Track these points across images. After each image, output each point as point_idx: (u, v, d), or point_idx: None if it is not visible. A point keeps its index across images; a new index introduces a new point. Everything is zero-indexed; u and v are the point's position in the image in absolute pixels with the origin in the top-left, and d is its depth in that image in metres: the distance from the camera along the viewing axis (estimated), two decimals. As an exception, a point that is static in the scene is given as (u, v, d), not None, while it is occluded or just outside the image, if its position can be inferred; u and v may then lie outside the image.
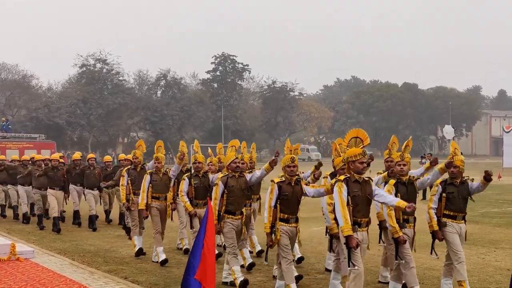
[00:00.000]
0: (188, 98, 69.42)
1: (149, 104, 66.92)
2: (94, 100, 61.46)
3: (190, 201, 8.99)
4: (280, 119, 76.61)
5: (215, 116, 72.26)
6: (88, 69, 64.57)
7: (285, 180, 7.00)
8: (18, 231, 13.54)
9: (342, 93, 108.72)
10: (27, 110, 60.99)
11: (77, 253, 10.45)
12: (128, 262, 9.69)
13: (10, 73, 65.71)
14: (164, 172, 9.76)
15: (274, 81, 77.53)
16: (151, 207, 9.61)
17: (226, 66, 74.59)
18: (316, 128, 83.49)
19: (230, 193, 7.82)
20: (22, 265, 9.13)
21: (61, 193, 13.79)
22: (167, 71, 70.40)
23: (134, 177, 10.38)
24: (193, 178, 9.04)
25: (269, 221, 6.92)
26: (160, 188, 9.63)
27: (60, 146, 63.20)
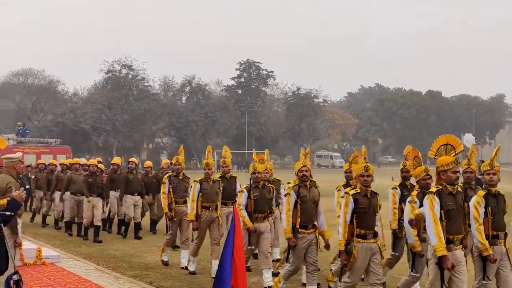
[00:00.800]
0: (212, 104, 69.66)
1: (174, 110, 67.28)
2: (119, 106, 61.99)
3: (249, 216, 8.12)
4: (304, 125, 76.40)
5: (239, 123, 72.36)
6: (114, 75, 65.19)
7: (361, 192, 6.43)
8: (43, 235, 13.62)
9: (366, 100, 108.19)
10: (53, 115, 61.72)
11: (102, 258, 10.44)
12: (153, 267, 9.64)
13: (37, 78, 66.69)
14: (214, 180, 9.18)
15: (298, 88, 77.49)
16: (201, 220, 9.00)
17: (250, 73, 74.75)
18: (340, 135, 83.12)
19: (302, 204, 7.14)
20: (48, 270, 9.15)
21: (99, 200, 13.00)
22: (192, 77, 70.82)
23: (175, 185, 9.84)
24: (252, 190, 8.17)
25: (344, 238, 6.33)
26: (211, 197, 9.01)
27: (86, 151, 64.02)
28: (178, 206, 9.80)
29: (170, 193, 9.75)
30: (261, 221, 8.17)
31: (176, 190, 9.80)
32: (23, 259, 9.25)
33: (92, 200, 12.85)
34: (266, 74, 75.32)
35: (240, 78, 74.86)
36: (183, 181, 9.91)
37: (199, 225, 8.96)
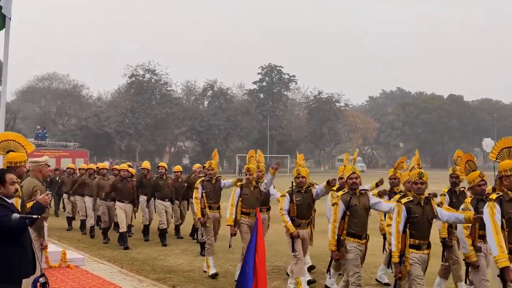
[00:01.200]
0: (234, 108, 69.90)
1: (196, 114, 67.65)
2: (142, 110, 62.53)
3: (291, 221, 7.69)
4: (325, 129, 76.28)
5: (261, 127, 72.45)
6: (137, 79, 65.81)
7: (413, 200, 6.12)
8: (68, 238, 13.78)
9: (387, 104, 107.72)
10: (77, 119, 62.51)
11: (125, 261, 10.53)
12: (176, 270, 9.69)
13: (62, 82, 67.67)
14: (255, 185, 8.89)
15: (320, 92, 77.50)
16: (240, 224, 8.76)
17: (272, 77, 74.90)
18: (361, 139, 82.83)
19: (353, 213, 6.78)
20: (73, 272, 9.25)
21: (130, 207, 12.53)
22: (214, 81, 71.21)
23: (209, 190, 9.61)
24: (295, 195, 7.73)
25: (397, 249, 6.00)
26: (251, 202, 8.75)
27: (109, 155, 64.69)
28: (212, 211, 9.57)
29: (203, 198, 9.54)
30: (304, 227, 7.82)
31: (209, 195, 9.59)
32: (49, 262, 9.37)
33: (124, 206, 12.42)
34: (288, 78, 75.42)
35: (262, 82, 75.08)
36: (216, 186, 9.70)
37: (241, 230, 8.71)
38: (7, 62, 8.67)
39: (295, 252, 7.61)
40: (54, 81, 67.25)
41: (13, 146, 6.35)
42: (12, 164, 6.16)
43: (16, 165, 6.16)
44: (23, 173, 6.53)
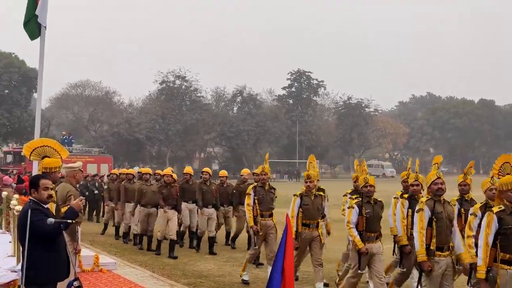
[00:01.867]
0: (263, 114, 70.03)
1: (226, 119, 67.97)
2: (172, 116, 63.10)
3: (360, 235, 7.17)
4: (354, 135, 75.84)
5: (290, 132, 72.42)
6: (168, 85, 66.47)
7: (505, 209, 5.57)
8: (100, 243, 13.96)
9: (417, 109, 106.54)
10: (109, 125, 63.43)
11: (157, 266, 10.63)
12: (206, 275, 9.74)
13: (94, 89, 68.84)
14: (316, 194, 8.36)
15: (349, 97, 77.07)
16: (301, 237, 8.20)
17: (301, 82, 74.92)
18: (391, 144, 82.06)
19: (438, 222, 6.19)
20: (105, 276, 9.37)
21: (173, 213, 12.00)
22: (243, 87, 71.50)
23: (262, 196, 9.13)
24: (364, 206, 7.24)
25: (485, 264, 5.48)
26: (312, 213, 8.22)
27: (140, 161, 65.42)
28: (264, 219, 9.08)
29: (255, 205, 9.08)
30: (373, 241, 7.27)
31: (262, 202, 9.12)
32: (81, 266, 9.50)
33: (167, 212, 11.94)
34: (317, 83, 75.31)
35: (291, 88, 75.13)
36: (269, 192, 9.24)
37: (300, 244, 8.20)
38: (42, 70, 8.87)
39: (362, 270, 7.19)
40: (87, 88, 68.49)
41: (48, 152, 6.51)
42: (47, 170, 6.30)
43: (51, 170, 6.30)
44: (58, 178, 6.67)
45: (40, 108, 9.10)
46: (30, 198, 5.04)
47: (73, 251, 6.87)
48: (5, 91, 53.85)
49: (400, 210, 7.44)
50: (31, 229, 4.72)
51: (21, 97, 54.27)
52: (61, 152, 6.57)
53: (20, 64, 54.46)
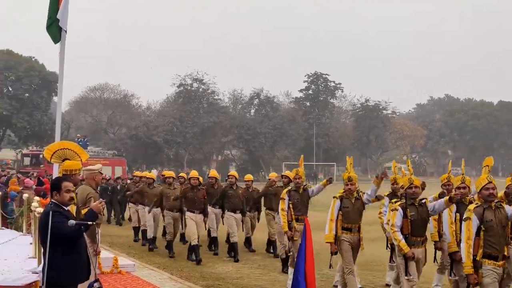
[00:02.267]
0: (280, 117, 69.98)
1: (243, 122, 68.05)
2: (190, 119, 63.33)
3: (405, 239, 6.79)
4: (372, 137, 75.48)
5: (307, 135, 72.28)
6: (185, 88, 66.77)
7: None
8: (119, 244, 14.07)
9: (435, 111, 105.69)
10: (127, 128, 63.86)
11: (175, 268, 10.68)
12: (224, 277, 9.76)
13: (113, 92, 69.38)
14: (358, 196, 7.95)
15: (367, 100, 76.74)
16: (341, 241, 7.79)
17: (318, 85, 74.73)
18: (408, 146, 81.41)
19: (487, 230, 5.89)
20: (124, 278, 9.44)
21: (201, 217, 11.65)
22: (261, 90, 71.49)
23: (296, 200, 8.87)
24: (408, 208, 6.81)
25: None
26: (353, 216, 7.84)
27: (158, 163, 65.79)
28: (299, 224, 8.68)
29: (290, 210, 8.82)
30: (419, 246, 6.92)
31: (296, 206, 8.84)
32: (101, 268, 9.58)
33: (194, 217, 11.56)
34: (334, 86, 75.14)
35: (308, 90, 75.02)
36: (304, 196, 8.96)
37: (342, 248, 7.78)
38: (62, 74, 8.97)
39: (409, 275, 6.76)
40: (106, 91, 69.04)
41: (68, 155, 6.58)
42: (68, 172, 6.37)
43: (71, 173, 6.38)
44: (78, 181, 6.74)
45: (60, 111, 9.20)
46: (51, 200, 5.09)
47: (93, 252, 6.94)
48: (26, 94, 54.61)
49: (447, 215, 7.13)
50: (53, 231, 4.78)
51: (41, 101, 55.00)
52: (81, 155, 6.64)
53: (40, 68, 55.22)
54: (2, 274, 7.12)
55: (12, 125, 54.77)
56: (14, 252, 8.72)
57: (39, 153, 39.29)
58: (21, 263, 7.82)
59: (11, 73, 54.36)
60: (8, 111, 52.23)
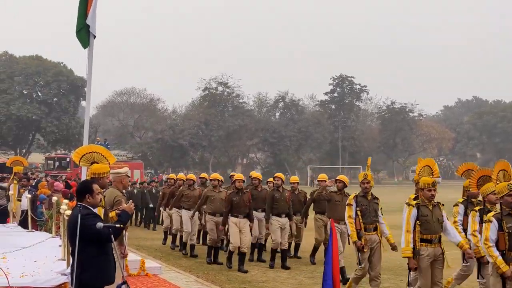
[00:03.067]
0: (305, 120, 69.89)
1: (268, 125, 68.14)
2: (215, 122, 63.67)
3: (502, 256, 6.01)
4: (398, 140, 74.81)
5: (333, 138, 72.01)
6: (211, 92, 67.14)
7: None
8: (146, 247, 14.17)
9: (463, 113, 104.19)
10: (153, 132, 64.49)
11: (201, 271, 10.71)
12: (250, 281, 9.76)
13: (139, 97, 70.19)
14: (436, 202, 7.05)
15: (393, 102, 76.11)
16: (420, 257, 6.87)
17: (344, 88, 74.42)
18: (436, 149, 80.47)
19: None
20: (151, 281, 9.50)
21: (245, 222, 10.82)
22: (285, 93, 71.53)
23: (365, 207, 8.22)
24: (505, 219, 6.05)
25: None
26: (433, 226, 6.90)
27: (183, 166, 66.22)
28: (368, 233, 8.13)
29: (358, 217, 8.13)
30: None
31: (365, 214, 8.15)
32: (128, 270, 9.66)
33: (238, 222, 10.80)
34: (359, 88, 74.72)
35: (333, 93, 74.73)
36: (373, 203, 8.32)
37: (420, 265, 6.88)
38: (90, 79, 9.09)
39: None
40: (132, 95, 69.88)
41: (96, 158, 6.68)
42: (96, 175, 6.46)
43: (99, 176, 6.47)
44: (106, 183, 6.83)
45: (88, 115, 9.31)
46: (80, 203, 5.17)
47: (121, 255, 7.02)
48: (54, 99, 55.63)
49: (472, 222, 7.03)
50: (84, 232, 4.86)
51: (69, 105, 55.90)
52: (109, 158, 6.73)
53: (69, 73, 56.16)
54: (33, 276, 7.24)
55: (41, 129, 55.83)
56: (44, 254, 8.86)
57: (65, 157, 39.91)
58: (51, 265, 7.94)
59: (40, 78, 55.50)
60: (37, 115, 53.23)
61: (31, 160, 53.38)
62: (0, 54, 57.45)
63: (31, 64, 55.20)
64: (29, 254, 8.83)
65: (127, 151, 65.09)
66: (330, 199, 10.45)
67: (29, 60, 56.21)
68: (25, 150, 59.02)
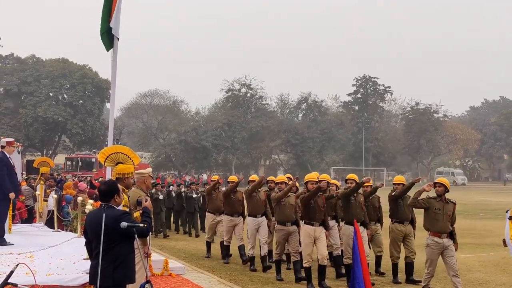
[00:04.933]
0: (328, 121, 69.65)
1: (290, 127, 68.05)
2: (238, 124, 63.85)
3: None
4: (423, 141, 73.96)
5: (356, 139, 71.58)
6: (234, 93, 67.34)
7: None
8: (169, 248, 14.27)
9: (489, 114, 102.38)
10: (176, 133, 64.91)
11: (224, 271, 10.75)
12: (273, 282, 9.76)
13: (162, 98, 70.73)
14: None
15: (417, 103, 75.33)
16: None
17: (367, 88, 73.91)
18: (462, 151, 79.33)
19: None
20: (174, 281, 9.57)
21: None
22: (308, 94, 71.36)
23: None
24: None
25: None
26: None
27: (206, 168, 66.48)
28: None
29: None
30: None
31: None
32: (152, 270, 9.74)
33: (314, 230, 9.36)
34: (383, 89, 74.12)
35: (356, 94, 74.27)
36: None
37: None
38: (115, 81, 9.20)
39: None
40: (156, 97, 70.44)
41: (121, 158, 6.76)
42: (121, 175, 6.55)
43: (124, 176, 6.55)
44: (131, 184, 6.90)
45: (113, 117, 9.42)
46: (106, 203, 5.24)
47: (144, 254, 7.10)
48: (80, 101, 56.50)
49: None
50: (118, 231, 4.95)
51: (94, 107, 56.71)
52: (134, 158, 6.81)
53: (94, 76, 57.01)
54: (59, 274, 7.36)
55: (66, 131, 56.74)
56: (69, 253, 8.98)
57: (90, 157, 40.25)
58: (76, 264, 8.05)
59: (66, 81, 56.44)
60: (63, 117, 54.08)
61: (57, 161, 54.20)
62: (28, 57, 58.59)
63: (57, 67, 56.17)
64: (55, 253, 8.97)
65: (150, 152, 65.65)
66: (429, 206, 8.43)
67: (55, 63, 57.19)
68: (51, 152, 60.00)
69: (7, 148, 10.48)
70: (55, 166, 47.38)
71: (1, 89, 57.64)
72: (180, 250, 13.82)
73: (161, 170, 63.02)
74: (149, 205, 5.53)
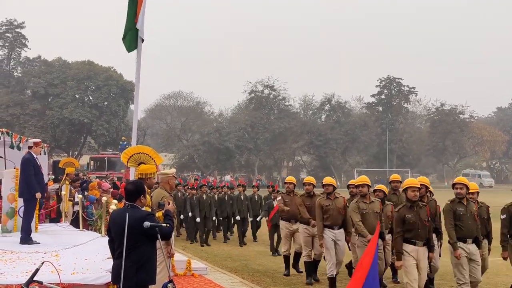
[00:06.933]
0: (352, 122, 69.21)
1: (314, 128, 67.80)
2: (261, 125, 63.87)
3: None
4: (448, 143, 73.00)
5: (380, 140, 70.99)
6: (257, 95, 67.40)
7: None
8: (192, 248, 14.36)
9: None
10: (200, 134, 65.23)
11: (246, 272, 10.77)
12: (295, 283, 9.76)
13: (186, 100, 71.18)
14: None
15: (442, 104, 74.40)
16: None
17: (391, 89, 73.25)
18: (488, 152, 78.09)
19: None
20: (197, 281, 9.62)
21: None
22: (332, 95, 71.00)
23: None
24: None
25: None
26: None
27: (229, 169, 66.64)
28: None
29: None
30: None
31: None
32: (175, 270, 9.82)
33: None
34: (407, 90, 73.41)
35: (380, 95, 73.67)
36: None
37: None
38: (138, 82, 9.29)
39: None
40: (179, 98, 70.91)
41: (144, 159, 6.83)
42: (143, 176, 6.61)
43: (146, 176, 6.62)
44: (153, 184, 6.97)
45: (136, 118, 9.53)
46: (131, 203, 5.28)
47: (167, 254, 7.15)
48: (105, 103, 57.29)
49: None
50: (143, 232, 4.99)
51: (119, 109, 57.40)
52: (156, 159, 6.87)
53: (118, 77, 57.72)
54: (83, 273, 7.45)
55: (92, 132, 57.56)
56: (93, 252, 9.09)
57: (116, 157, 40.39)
58: (100, 263, 8.14)
59: (91, 83, 57.29)
60: (88, 118, 54.86)
61: (82, 162, 54.89)
62: (54, 60, 59.61)
63: (83, 69, 57.00)
64: (80, 252, 9.09)
65: (174, 153, 66.07)
66: None
67: (81, 65, 58.03)
68: (77, 153, 60.84)
69: (34, 148, 10.68)
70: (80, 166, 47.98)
71: (29, 91, 58.68)
72: (202, 251, 13.90)
73: (184, 171, 63.36)
74: (171, 207, 5.57)
